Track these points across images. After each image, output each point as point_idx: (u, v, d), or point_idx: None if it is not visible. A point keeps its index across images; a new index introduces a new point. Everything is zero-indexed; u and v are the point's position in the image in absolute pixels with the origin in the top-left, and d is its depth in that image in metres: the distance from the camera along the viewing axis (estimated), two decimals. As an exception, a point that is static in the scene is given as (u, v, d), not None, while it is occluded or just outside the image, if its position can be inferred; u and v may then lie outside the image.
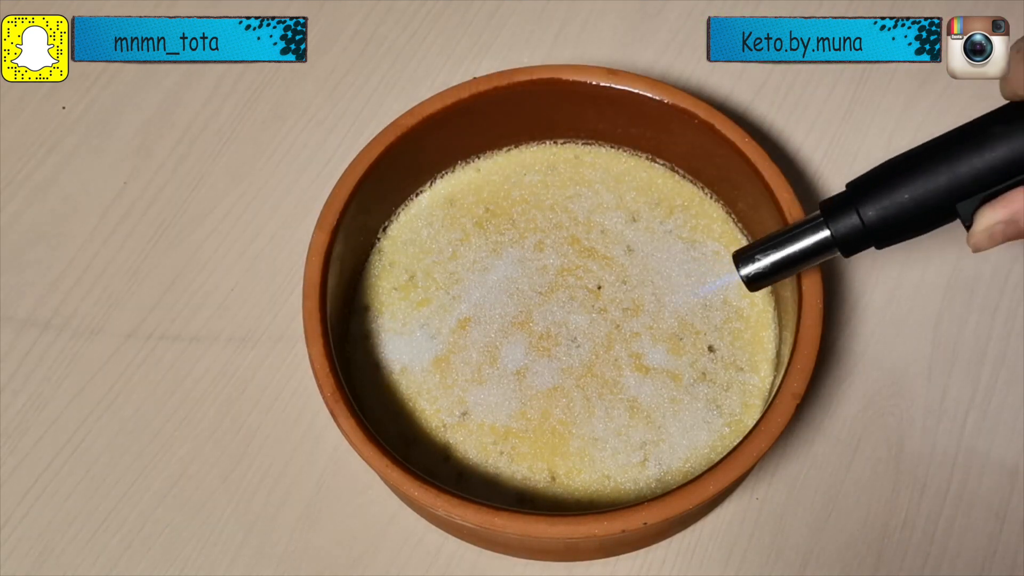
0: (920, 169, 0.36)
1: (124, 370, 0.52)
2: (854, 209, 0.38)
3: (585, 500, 0.46)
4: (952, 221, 0.37)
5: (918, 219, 0.37)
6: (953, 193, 0.36)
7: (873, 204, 0.38)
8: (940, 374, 0.51)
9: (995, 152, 0.35)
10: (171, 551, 0.48)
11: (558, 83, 0.49)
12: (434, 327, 0.49)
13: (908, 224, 0.37)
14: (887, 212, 0.37)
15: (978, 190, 0.35)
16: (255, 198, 0.56)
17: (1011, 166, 0.35)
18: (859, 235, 0.38)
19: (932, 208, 0.37)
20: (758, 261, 0.41)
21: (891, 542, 0.47)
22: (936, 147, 0.37)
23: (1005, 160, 0.35)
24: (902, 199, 0.37)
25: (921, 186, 0.36)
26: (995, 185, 0.35)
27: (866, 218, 0.38)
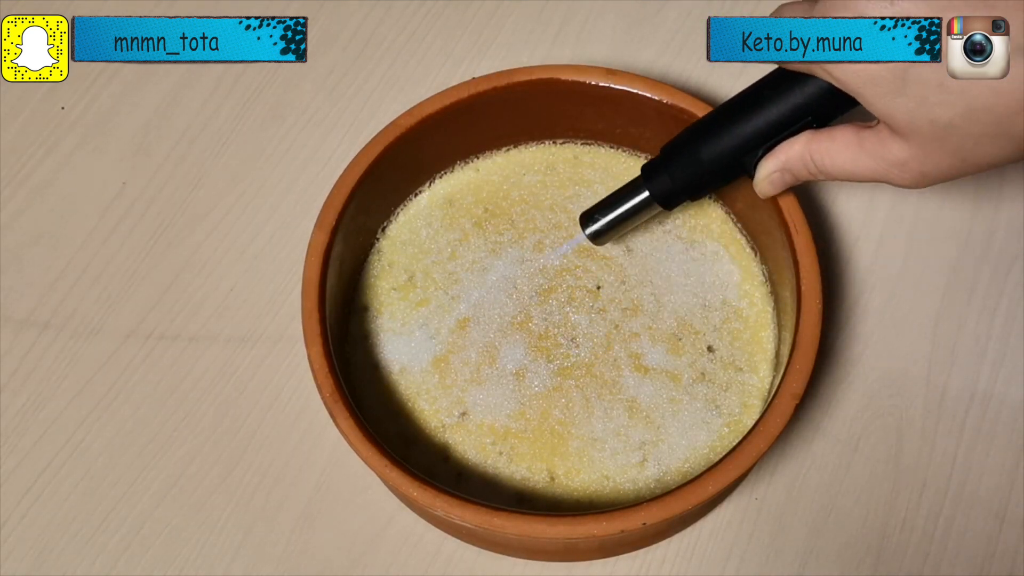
0: (712, 131, 0.42)
1: (123, 370, 0.52)
2: (665, 170, 0.44)
3: (584, 500, 0.46)
4: (744, 172, 0.42)
5: (715, 173, 0.43)
6: (738, 150, 0.41)
7: (678, 165, 0.44)
8: (940, 374, 0.51)
9: (767, 112, 0.40)
10: (170, 551, 0.48)
11: (557, 83, 0.49)
12: (433, 327, 0.49)
13: (708, 178, 0.43)
14: (689, 170, 0.43)
15: (758, 145, 0.41)
16: (254, 198, 0.56)
17: (780, 123, 0.40)
18: (671, 191, 0.45)
19: (725, 163, 0.42)
20: (597, 221, 0.47)
21: (890, 542, 0.47)
22: (725, 111, 0.42)
23: (775, 118, 0.40)
24: (700, 158, 0.42)
25: (714, 146, 0.42)
26: (770, 140, 0.41)
27: (673, 178, 0.44)
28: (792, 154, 0.40)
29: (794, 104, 0.40)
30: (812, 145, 0.39)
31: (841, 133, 0.39)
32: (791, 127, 0.40)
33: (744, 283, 0.50)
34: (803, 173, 0.40)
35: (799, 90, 0.39)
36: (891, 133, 0.36)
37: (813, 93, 0.39)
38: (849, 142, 0.38)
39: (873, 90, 0.35)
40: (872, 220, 0.54)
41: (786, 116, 0.40)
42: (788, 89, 0.39)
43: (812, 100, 0.39)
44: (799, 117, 0.40)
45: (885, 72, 0.34)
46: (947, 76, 0.33)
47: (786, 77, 0.39)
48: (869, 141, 0.37)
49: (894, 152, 0.36)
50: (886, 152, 0.37)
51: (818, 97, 0.39)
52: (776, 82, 0.40)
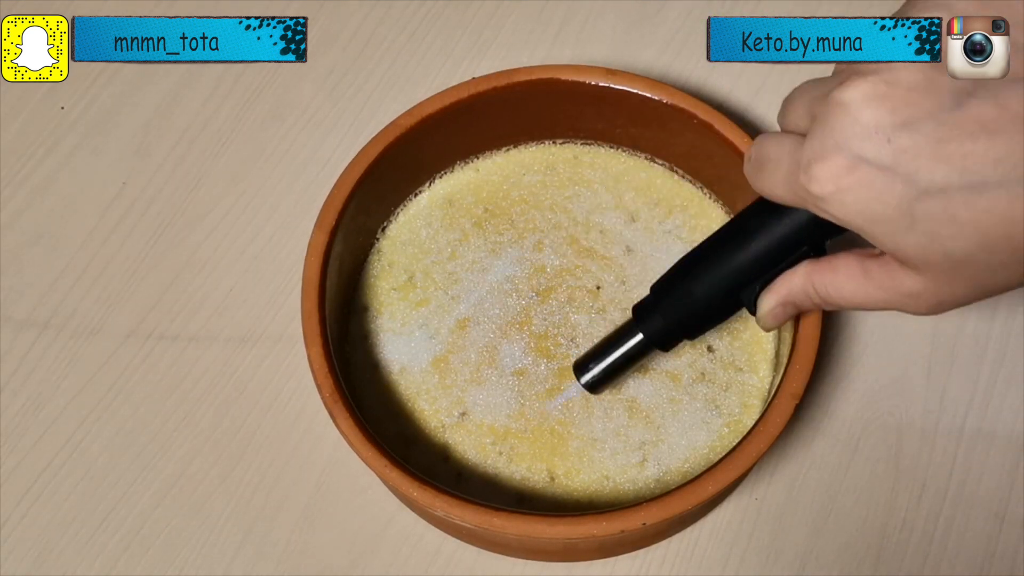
0: (704, 268, 0.40)
1: (123, 370, 0.52)
2: (658, 311, 0.42)
3: (584, 500, 0.46)
4: (743, 307, 0.40)
5: (710, 312, 0.41)
6: (732, 286, 0.39)
7: (671, 305, 0.41)
8: (939, 374, 0.51)
9: (757, 245, 0.38)
10: (170, 551, 0.48)
11: (557, 83, 0.49)
12: (433, 327, 0.49)
13: (704, 318, 0.41)
14: (683, 312, 0.41)
15: (753, 279, 0.38)
16: (254, 198, 0.56)
17: (771, 256, 0.37)
18: (665, 333, 0.42)
19: (720, 301, 0.40)
20: (591, 370, 0.45)
21: (890, 542, 0.47)
22: (714, 245, 0.40)
23: (766, 251, 0.37)
24: (692, 298, 0.40)
25: (706, 283, 0.39)
26: (765, 273, 0.38)
27: (667, 318, 0.41)
28: (794, 288, 0.37)
29: (784, 236, 0.37)
30: (814, 277, 0.37)
31: (844, 264, 0.36)
32: (786, 258, 0.37)
33: (744, 283, 0.50)
34: (807, 305, 0.38)
35: (787, 221, 0.36)
36: (900, 265, 0.34)
37: (804, 223, 0.36)
38: (854, 273, 0.35)
39: (880, 228, 0.32)
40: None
41: (777, 248, 0.37)
42: (776, 221, 0.37)
43: (804, 230, 0.36)
44: (793, 248, 0.37)
45: (891, 211, 0.31)
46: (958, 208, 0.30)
47: (774, 208, 0.36)
48: (876, 273, 0.35)
49: (906, 284, 0.34)
50: (897, 284, 0.34)
51: (810, 227, 0.36)
52: (760, 213, 0.37)
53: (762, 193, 0.36)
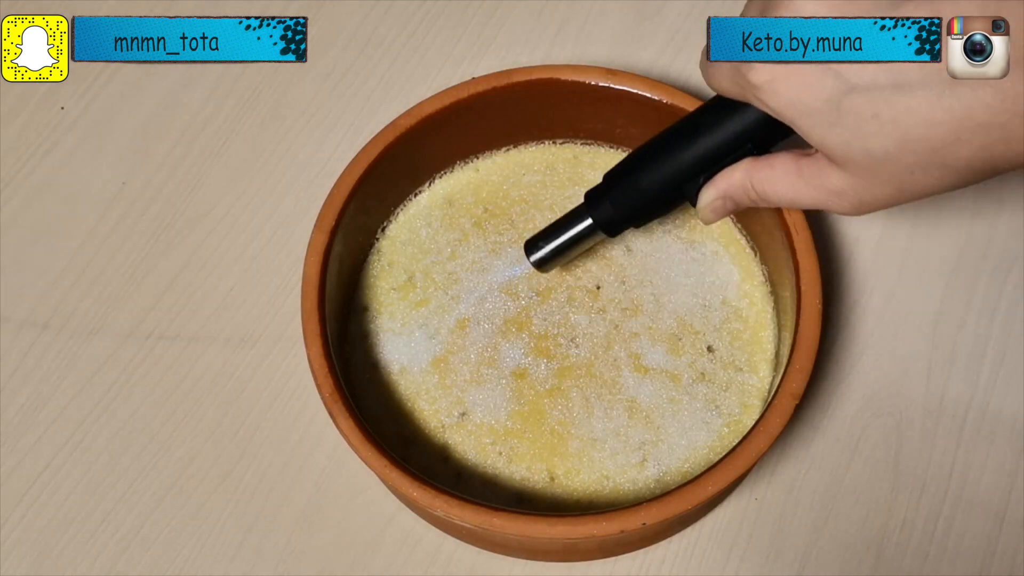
0: (652, 159, 0.42)
1: (123, 370, 0.52)
2: (607, 198, 0.44)
3: (584, 500, 0.46)
4: (686, 200, 0.42)
5: (656, 201, 0.43)
6: (678, 177, 0.41)
7: (620, 193, 0.43)
8: (939, 374, 0.51)
9: (706, 140, 0.40)
10: (170, 551, 0.48)
11: (557, 83, 0.49)
12: (433, 327, 0.49)
13: (649, 206, 0.43)
14: (630, 199, 0.43)
15: (698, 173, 0.40)
16: (254, 198, 0.56)
17: (720, 150, 0.39)
18: (613, 219, 0.44)
19: (666, 191, 0.42)
20: (541, 249, 0.47)
21: (890, 542, 0.47)
22: (665, 138, 0.42)
23: (714, 146, 0.40)
24: (641, 186, 0.42)
25: (654, 173, 0.41)
26: (710, 168, 0.40)
27: (615, 206, 0.43)
28: (733, 182, 0.40)
29: (732, 132, 0.39)
30: (752, 173, 0.39)
31: (780, 161, 0.38)
32: (730, 155, 0.39)
33: (744, 283, 0.50)
34: (744, 200, 0.40)
35: (737, 118, 0.38)
36: (829, 162, 0.36)
37: (751, 121, 0.38)
38: (788, 170, 0.38)
39: (808, 121, 0.34)
40: (872, 220, 0.54)
41: (725, 144, 0.39)
42: (727, 117, 0.39)
43: (750, 128, 0.38)
44: (738, 145, 0.39)
45: (819, 103, 0.34)
46: (881, 106, 0.33)
47: (724, 105, 0.39)
48: (808, 169, 0.37)
49: (832, 181, 0.36)
50: (824, 181, 0.36)
51: (756, 125, 0.38)
52: (715, 110, 0.40)
53: (710, 85, 0.38)
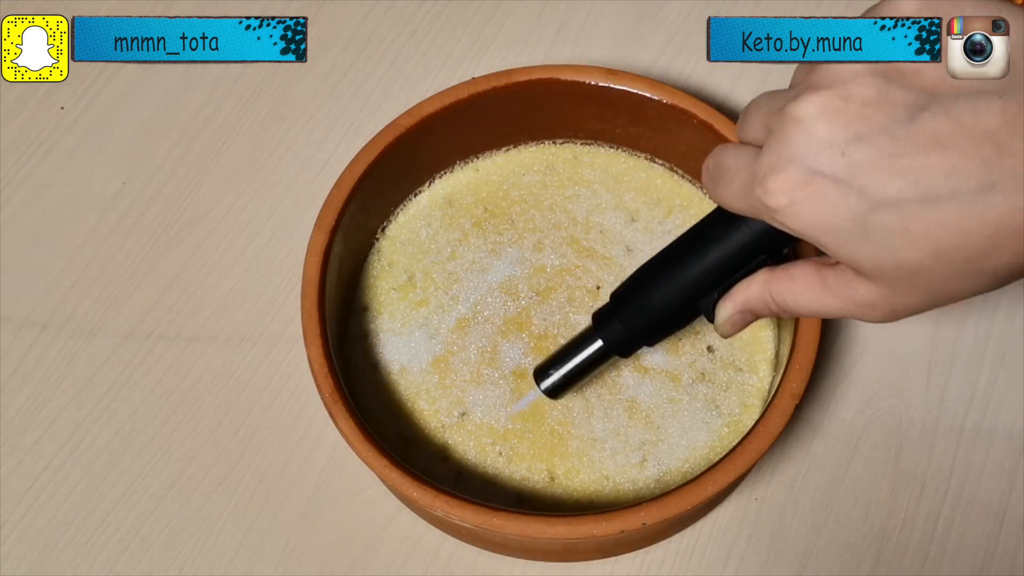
0: (663, 276, 0.40)
1: (123, 370, 0.52)
2: (616, 319, 0.42)
3: (584, 500, 0.46)
4: (701, 314, 0.40)
5: (670, 319, 0.40)
6: (691, 294, 0.39)
7: (630, 313, 0.41)
8: (939, 374, 0.51)
9: (716, 254, 0.38)
10: (170, 551, 0.48)
11: (557, 83, 0.49)
12: (433, 327, 0.49)
13: (663, 325, 0.41)
14: (642, 319, 0.41)
15: (711, 288, 0.38)
16: (254, 198, 0.56)
17: (729, 264, 0.38)
18: (625, 340, 0.42)
19: (678, 310, 0.40)
20: (551, 376, 0.45)
21: (890, 542, 0.47)
22: (673, 252, 0.40)
23: (726, 260, 0.38)
24: (651, 306, 0.40)
25: (665, 291, 0.40)
26: (723, 281, 0.38)
27: (626, 326, 0.41)
28: (751, 295, 0.38)
29: (743, 244, 0.37)
30: (771, 285, 0.37)
31: (801, 272, 0.36)
32: (745, 267, 0.38)
33: (744, 283, 0.50)
34: (765, 312, 0.38)
35: (747, 230, 0.37)
36: (855, 274, 0.34)
37: (764, 233, 0.36)
38: (811, 282, 0.36)
39: (834, 239, 0.33)
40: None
41: (736, 257, 0.37)
42: (736, 230, 0.37)
43: (763, 240, 0.37)
44: (751, 258, 0.37)
45: (844, 223, 0.32)
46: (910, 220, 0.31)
47: (732, 218, 0.37)
48: (833, 281, 0.35)
49: (861, 293, 0.35)
50: (853, 293, 0.35)
51: (769, 237, 0.36)
52: (722, 223, 0.38)
53: (719, 203, 0.36)
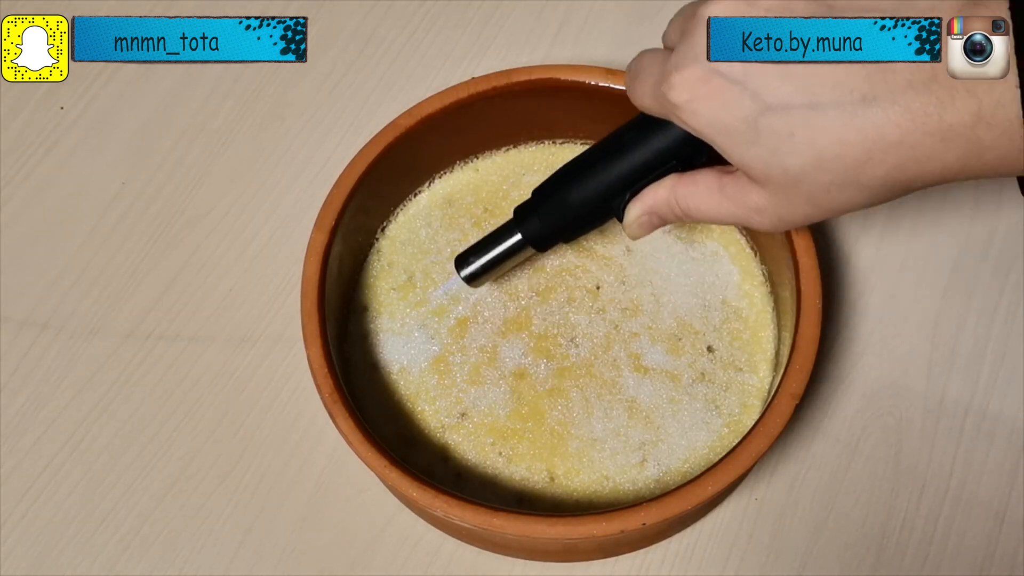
0: (580, 175, 0.42)
1: (123, 370, 0.52)
2: (536, 215, 0.44)
3: (584, 501, 0.46)
4: (614, 215, 0.42)
5: (584, 218, 0.43)
6: (605, 193, 0.41)
7: (548, 208, 0.43)
8: (939, 374, 0.51)
9: (632, 157, 0.40)
10: (170, 551, 0.48)
11: (557, 83, 0.49)
12: (432, 327, 0.49)
13: (577, 222, 0.43)
14: (558, 215, 0.43)
15: (624, 189, 0.41)
16: (254, 198, 0.56)
17: (645, 167, 0.40)
18: (542, 234, 0.44)
19: (593, 207, 0.42)
20: (471, 264, 0.46)
21: (890, 542, 0.47)
22: (592, 154, 0.42)
23: (640, 163, 0.40)
24: (569, 202, 0.42)
25: (582, 189, 0.42)
26: (636, 184, 0.40)
27: (543, 221, 0.44)
28: (658, 198, 0.40)
29: (657, 149, 0.39)
30: (677, 189, 0.40)
31: (704, 178, 0.39)
32: (655, 171, 0.40)
33: (744, 283, 0.50)
34: (669, 216, 0.41)
35: (662, 135, 0.39)
36: (749, 180, 0.36)
37: (675, 138, 0.39)
38: (711, 187, 0.38)
39: (727, 140, 0.35)
40: (872, 220, 0.54)
41: (650, 161, 0.40)
42: (651, 134, 0.39)
43: (674, 145, 0.39)
44: (663, 162, 0.40)
45: (737, 123, 0.34)
46: (796, 126, 0.33)
47: (649, 122, 0.39)
48: (730, 187, 0.38)
49: (752, 199, 0.37)
50: (745, 198, 0.37)
51: (680, 143, 0.39)
52: (640, 127, 0.40)
53: (634, 102, 0.39)
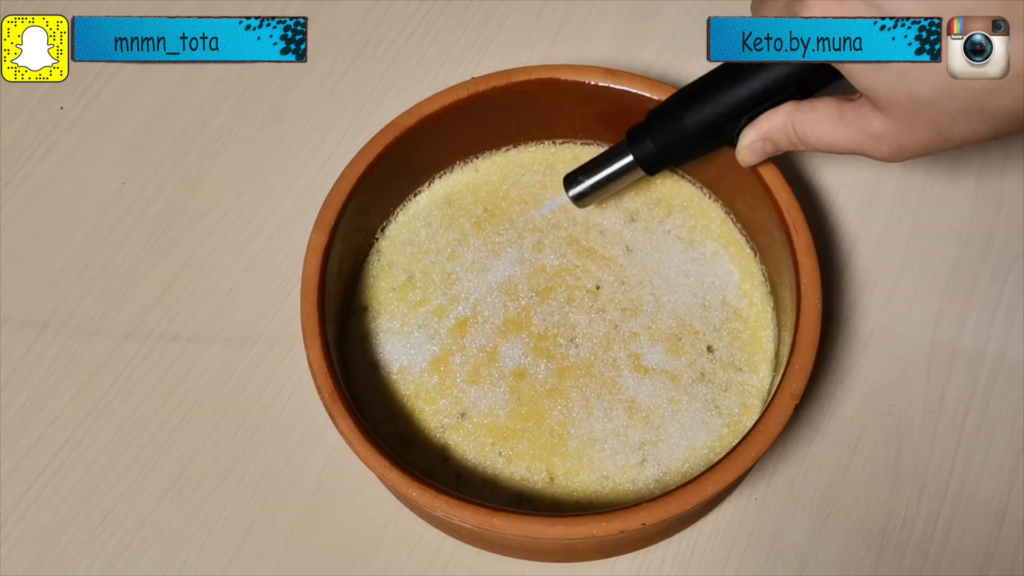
0: (697, 99, 0.43)
1: (122, 370, 0.52)
2: (648, 135, 0.45)
3: (584, 501, 0.46)
4: (727, 141, 0.43)
5: (697, 140, 0.44)
6: (722, 117, 0.42)
7: (662, 130, 0.44)
8: (939, 374, 0.51)
9: (751, 82, 0.41)
10: (169, 551, 0.48)
11: (556, 83, 0.49)
12: (432, 327, 0.49)
13: (690, 145, 0.44)
14: (672, 136, 0.44)
15: (741, 114, 0.42)
16: (253, 198, 0.56)
17: (764, 92, 0.41)
18: (654, 156, 0.45)
19: (707, 131, 0.43)
20: (581, 183, 0.48)
21: (890, 542, 0.47)
22: (710, 79, 0.43)
23: (759, 88, 0.41)
24: (684, 124, 0.43)
25: (698, 112, 0.43)
26: (753, 109, 0.41)
27: (657, 143, 0.45)
28: (774, 124, 0.41)
29: (777, 75, 0.40)
30: (794, 116, 0.40)
31: (823, 105, 0.39)
32: (774, 97, 0.41)
33: (744, 283, 0.50)
34: (784, 143, 0.41)
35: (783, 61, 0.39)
36: (872, 107, 0.37)
37: (796, 65, 0.39)
38: (830, 114, 0.39)
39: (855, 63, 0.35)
40: (872, 220, 0.54)
41: (769, 86, 0.40)
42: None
43: (795, 71, 0.40)
44: (782, 88, 0.40)
45: None
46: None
47: None
48: (850, 114, 0.38)
49: (873, 125, 0.37)
50: (866, 125, 0.37)
51: (801, 68, 0.39)
52: None
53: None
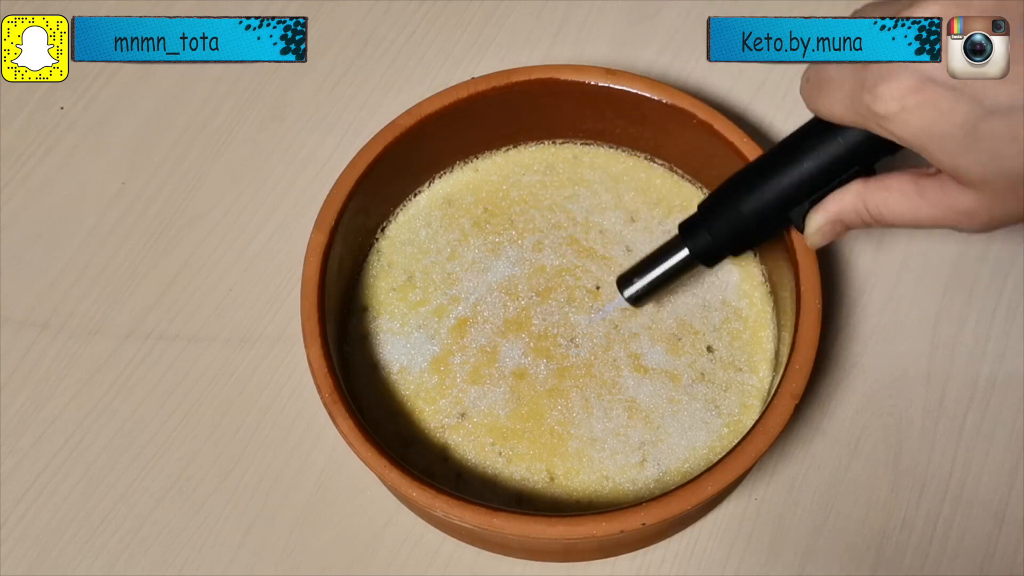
0: (754, 186, 0.41)
1: (122, 370, 0.52)
2: (705, 228, 0.43)
3: (584, 501, 0.46)
4: (789, 225, 0.41)
5: (758, 229, 0.42)
6: (782, 204, 0.40)
7: (719, 222, 0.42)
8: (939, 374, 0.51)
9: (810, 164, 0.39)
10: (169, 551, 0.48)
11: (556, 83, 0.49)
12: (432, 327, 0.49)
13: (751, 234, 0.42)
14: (731, 228, 0.42)
15: (803, 198, 0.39)
16: (253, 198, 0.56)
17: (823, 174, 0.38)
18: (713, 249, 0.43)
19: (768, 218, 0.41)
20: (635, 284, 0.46)
21: (890, 542, 0.47)
22: (765, 163, 0.41)
23: (817, 170, 0.38)
24: (742, 214, 0.41)
25: (756, 201, 0.40)
26: (816, 192, 0.39)
27: (715, 235, 0.43)
28: (845, 206, 0.38)
29: (838, 155, 0.38)
30: (866, 196, 0.38)
31: (897, 182, 0.37)
32: (838, 178, 0.38)
33: (743, 283, 0.50)
34: (857, 223, 0.39)
35: (842, 140, 0.37)
36: (956, 183, 0.35)
37: (859, 144, 0.37)
38: (908, 192, 0.36)
39: (939, 147, 0.33)
40: (872, 220, 0.54)
41: (831, 167, 0.38)
42: (830, 139, 0.38)
43: (858, 150, 0.37)
44: (845, 168, 0.38)
45: (955, 130, 0.32)
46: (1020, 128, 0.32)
47: (828, 128, 0.38)
48: (931, 191, 0.36)
49: (961, 202, 0.35)
50: (952, 202, 0.35)
51: (865, 148, 0.37)
52: (817, 133, 0.38)
53: (819, 113, 0.37)
